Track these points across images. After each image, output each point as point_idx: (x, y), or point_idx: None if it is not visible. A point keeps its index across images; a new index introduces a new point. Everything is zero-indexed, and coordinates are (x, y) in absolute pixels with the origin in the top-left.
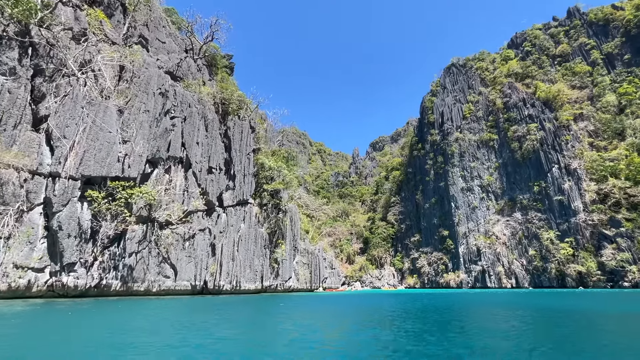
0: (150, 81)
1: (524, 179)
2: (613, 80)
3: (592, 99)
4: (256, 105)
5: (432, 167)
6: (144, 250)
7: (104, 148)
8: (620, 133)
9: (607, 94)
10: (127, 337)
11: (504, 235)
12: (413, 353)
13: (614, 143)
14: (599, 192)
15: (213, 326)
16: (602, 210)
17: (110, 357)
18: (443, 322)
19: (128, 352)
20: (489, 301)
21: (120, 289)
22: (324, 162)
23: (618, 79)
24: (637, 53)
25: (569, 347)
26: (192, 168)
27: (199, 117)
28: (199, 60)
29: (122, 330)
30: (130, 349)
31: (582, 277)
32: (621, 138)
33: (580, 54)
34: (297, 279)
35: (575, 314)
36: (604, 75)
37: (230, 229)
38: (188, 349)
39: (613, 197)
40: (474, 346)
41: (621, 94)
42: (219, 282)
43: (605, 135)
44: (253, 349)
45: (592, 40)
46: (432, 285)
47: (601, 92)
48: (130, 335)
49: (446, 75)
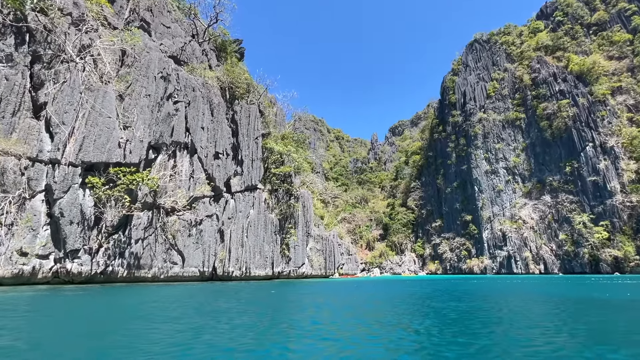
0: (150, 65)
1: (554, 159)
2: None
3: (633, 70)
4: (265, 89)
5: (454, 149)
6: (150, 237)
7: (104, 134)
8: None
9: None
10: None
11: (531, 220)
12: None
13: None
14: (639, 171)
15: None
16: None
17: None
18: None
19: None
20: (542, 291)
21: (127, 275)
22: (342, 149)
23: None
24: None
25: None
26: (198, 153)
27: (204, 102)
28: (204, 44)
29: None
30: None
31: (619, 262)
32: None
33: (619, 21)
34: (310, 265)
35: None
36: None
37: (238, 214)
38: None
39: None
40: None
41: None
42: (228, 269)
43: None
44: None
45: (634, 5)
46: (455, 272)
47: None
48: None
49: (468, 52)
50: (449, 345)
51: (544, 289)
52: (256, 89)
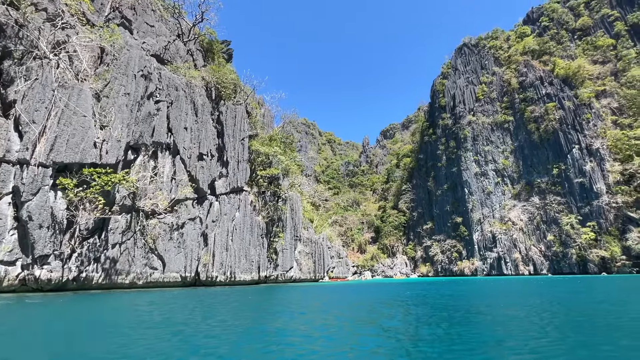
0: (130, 62)
1: (541, 161)
2: (639, 53)
3: (616, 74)
4: (252, 90)
5: (444, 152)
6: (128, 241)
7: (78, 133)
8: None
9: (632, 68)
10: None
11: (520, 221)
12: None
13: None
14: (624, 172)
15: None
16: (627, 191)
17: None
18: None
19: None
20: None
21: (102, 281)
22: (334, 152)
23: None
24: None
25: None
26: (181, 154)
27: (188, 101)
28: (190, 43)
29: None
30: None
31: (606, 263)
32: None
33: (602, 27)
34: (299, 269)
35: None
36: (629, 48)
37: (223, 217)
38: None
39: (639, 178)
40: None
41: None
42: (211, 274)
43: (631, 112)
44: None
45: (616, 11)
46: (446, 274)
47: (626, 67)
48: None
49: (457, 56)
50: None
51: (540, 292)
52: (243, 89)
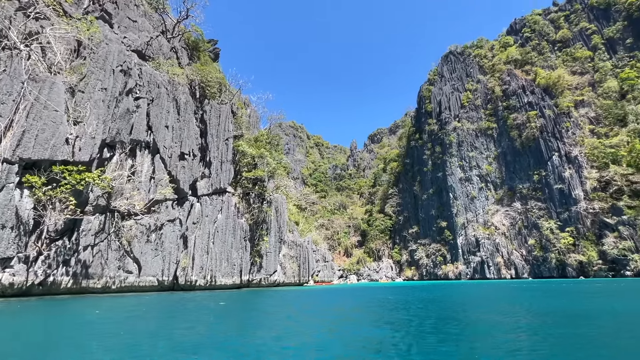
0: (108, 57)
1: (523, 167)
2: (614, 66)
3: (593, 85)
4: (238, 89)
5: (430, 157)
6: (101, 244)
7: (48, 128)
8: (622, 119)
9: (608, 80)
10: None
11: (503, 226)
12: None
13: (615, 130)
14: (600, 179)
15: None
16: (603, 198)
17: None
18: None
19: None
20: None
21: (72, 286)
22: (321, 155)
23: (620, 64)
24: (639, 37)
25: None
26: (160, 153)
27: (170, 99)
28: (174, 41)
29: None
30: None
31: (583, 267)
32: (622, 124)
33: (580, 39)
34: (283, 273)
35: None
36: (605, 61)
37: (205, 219)
38: None
39: (614, 185)
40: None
41: (623, 79)
42: (191, 277)
43: (607, 122)
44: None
45: (593, 24)
46: (431, 277)
47: (602, 78)
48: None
49: (444, 63)
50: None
51: (510, 296)
52: (229, 89)
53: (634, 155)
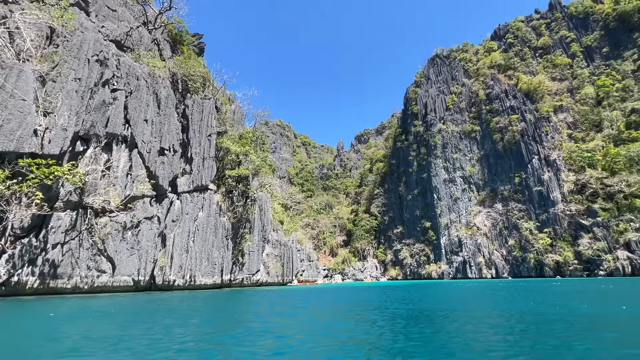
0: (83, 45)
1: (505, 170)
2: (592, 73)
3: (572, 91)
4: (223, 85)
5: (416, 158)
6: (72, 242)
7: (15, 118)
8: (598, 125)
9: (585, 86)
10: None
11: (484, 226)
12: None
13: (591, 134)
14: (577, 182)
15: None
16: (579, 200)
17: None
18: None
19: None
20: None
21: (38, 286)
22: (308, 155)
23: (596, 71)
24: (615, 46)
25: None
26: (139, 148)
27: (149, 92)
28: (156, 32)
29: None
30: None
31: (560, 267)
32: (598, 129)
33: (560, 47)
34: (267, 272)
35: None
36: (583, 68)
37: (185, 217)
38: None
39: (590, 188)
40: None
41: (599, 87)
42: (169, 277)
43: (583, 127)
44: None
45: (572, 33)
46: (414, 277)
47: (580, 85)
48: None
49: (430, 66)
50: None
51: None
52: (212, 83)
53: (608, 160)
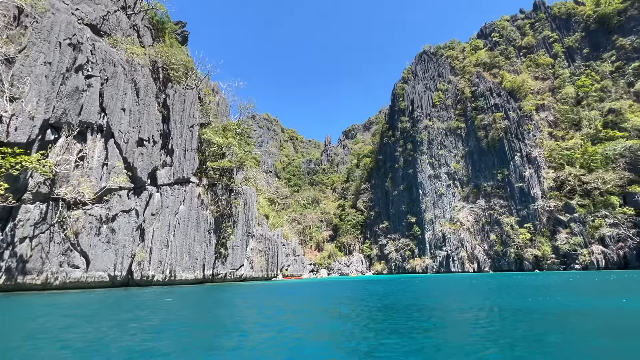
0: (54, 28)
1: (488, 166)
2: (572, 73)
3: (553, 90)
4: (206, 75)
5: (402, 154)
6: (42, 235)
7: None
8: (577, 124)
9: (566, 86)
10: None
11: (468, 222)
12: None
13: (570, 133)
14: (556, 179)
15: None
16: (558, 196)
17: None
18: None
19: None
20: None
21: (5, 282)
22: (295, 150)
23: (577, 72)
24: (595, 48)
25: None
26: (115, 138)
27: (127, 80)
28: (136, 18)
29: None
30: None
31: (538, 261)
32: (577, 128)
33: (543, 46)
34: (251, 267)
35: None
36: (565, 68)
37: (165, 210)
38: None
39: (568, 184)
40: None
41: (579, 87)
42: (147, 272)
43: (563, 126)
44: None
45: (555, 33)
46: (399, 271)
47: (561, 84)
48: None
49: (418, 62)
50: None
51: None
52: (195, 73)
53: (586, 158)
